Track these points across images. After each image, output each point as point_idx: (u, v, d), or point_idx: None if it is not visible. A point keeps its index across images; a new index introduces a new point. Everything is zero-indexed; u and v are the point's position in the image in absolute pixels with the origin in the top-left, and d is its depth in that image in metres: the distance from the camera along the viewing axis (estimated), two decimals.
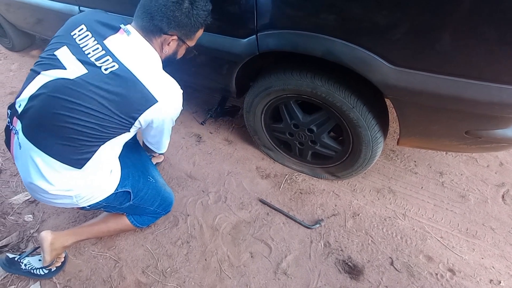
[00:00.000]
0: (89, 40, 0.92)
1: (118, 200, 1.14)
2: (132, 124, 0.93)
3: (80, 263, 1.31)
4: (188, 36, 1.02)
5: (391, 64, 0.96)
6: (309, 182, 1.61)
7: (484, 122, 1.01)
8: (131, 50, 0.93)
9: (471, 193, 1.54)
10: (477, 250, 1.31)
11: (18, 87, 2.54)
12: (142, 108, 0.90)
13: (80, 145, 0.91)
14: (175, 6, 0.91)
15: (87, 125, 0.88)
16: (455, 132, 1.09)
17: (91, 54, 0.90)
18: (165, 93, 0.93)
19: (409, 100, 1.04)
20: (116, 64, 0.88)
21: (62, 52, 0.92)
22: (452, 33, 0.84)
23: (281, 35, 1.10)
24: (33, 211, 1.52)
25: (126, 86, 0.88)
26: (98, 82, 0.87)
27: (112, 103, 0.88)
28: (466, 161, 1.69)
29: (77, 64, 0.89)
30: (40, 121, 0.90)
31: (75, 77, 0.88)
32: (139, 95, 0.89)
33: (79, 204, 1.05)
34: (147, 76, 0.90)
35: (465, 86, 0.90)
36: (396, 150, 1.76)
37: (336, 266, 1.28)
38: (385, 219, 1.43)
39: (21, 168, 0.99)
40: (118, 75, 0.88)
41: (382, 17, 0.90)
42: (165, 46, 1.00)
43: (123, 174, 1.13)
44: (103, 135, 0.92)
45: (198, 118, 2.05)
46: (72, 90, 0.87)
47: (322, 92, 1.20)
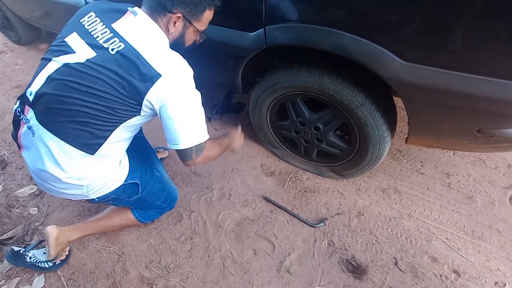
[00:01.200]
0: (98, 24, 0.94)
1: (126, 193, 1.15)
2: (140, 105, 0.91)
3: (84, 257, 1.32)
4: (194, 16, 0.99)
5: (402, 59, 0.94)
6: (313, 181, 1.60)
7: (497, 121, 0.99)
8: (138, 30, 0.93)
9: (478, 194, 1.52)
10: (482, 252, 1.30)
11: (24, 80, 2.56)
12: (147, 85, 0.88)
13: (93, 129, 0.92)
14: None
15: (99, 108, 0.89)
16: (466, 131, 1.07)
17: (100, 37, 0.91)
18: (169, 67, 0.90)
19: (420, 97, 1.02)
20: (123, 44, 0.89)
21: (71, 38, 0.94)
22: (465, 28, 0.83)
23: (290, 29, 1.09)
24: (38, 204, 1.53)
25: (130, 64, 0.88)
26: (106, 64, 0.88)
27: (121, 84, 0.88)
28: (473, 162, 1.67)
29: (86, 47, 0.91)
30: (53, 106, 0.91)
31: (85, 60, 0.89)
32: (143, 72, 0.88)
33: (89, 196, 1.05)
34: (151, 52, 0.89)
35: (479, 83, 0.88)
36: (402, 150, 1.74)
37: (339, 265, 1.27)
38: (390, 219, 1.42)
39: (33, 157, 0.98)
40: (124, 55, 0.88)
41: (393, 12, 0.89)
42: (170, 26, 0.98)
43: (131, 166, 1.14)
44: (115, 118, 0.92)
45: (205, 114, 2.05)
46: (82, 73, 0.88)
47: (330, 90, 1.19)
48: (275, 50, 1.21)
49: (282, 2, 1.07)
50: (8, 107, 2.23)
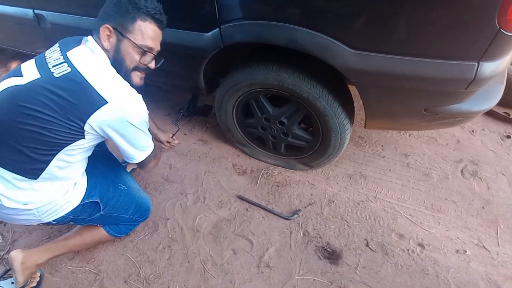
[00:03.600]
0: (56, 53, 0.93)
1: (86, 212, 1.09)
2: (82, 129, 0.87)
3: (58, 281, 1.23)
4: (125, 27, 0.92)
5: (351, 48, 0.98)
6: (284, 175, 1.61)
7: (440, 99, 1.05)
8: (86, 56, 0.92)
9: (434, 171, 1.61)
10: (442, 224, 1.38)
11: None
12: (91, 110, 0.85)
13: (32, 153, 0.87)
14: (111, 3, 0.93)
15: (36, 129, 0.85)
16: (414, 111, 1.13)
17: (51, 62, 0.90)
18: (116, 94, 0.88)
19: (370, 82, 1.06)
20: (70, 68, 0.87)
21: (27, 64, 0.94)
22: (405, 16, 0.87)
23: (244, 26, 1.08)
24: (1, 231, 1.41)
25: (75, 89, 0.85)
26: (48, 85, 0.85)
27: (61, 106, 0.85)
28: (427, 142, 1.77)
29: (33, 71, 0.90)
30: None
31: (27, 82, 0.87)
32: (88, 97, 0.85)
33: (42, 220, 0.99)
34: (97, 79, 0.87)
35: (420, 64, 0.94)
36: (364, 137, 1.80)
37: (316, 253, 1.29)
38: (358, 203, 1.47)
39: None
40: (69, 78, 0.86)
41: (342, 6, 0.92)
42: (105, 42, 0.93)
43: (89, 185, 1.08)
44: (55, 141, 0.87)
45: (171, 119, 1.98)
46: (23, 94, 0.86)
47: (289, 84, 1.20)
48: (235, 49, 1.20)
49: (234, 0, 1.06)
50: None
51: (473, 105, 1.07)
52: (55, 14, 1.55)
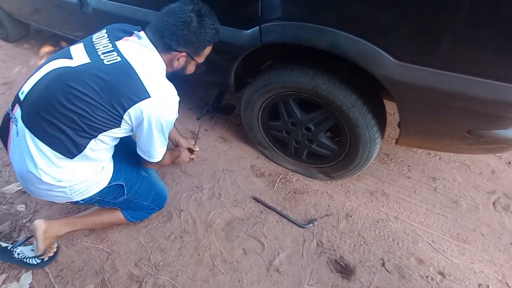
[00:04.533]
0: (104, 39, 1.02)
1: (112, 195, 1.17)
2: (121, 117, 0.95)
3: (73, 254, 1.32)
4: (196, 53, 1.08)
5: (395, 59, 0.97)
6: (303, 182, 1.65)
7: (487, 122, 1.01)
8: (137, 50, 0.99)
9: (463, 199, 1.59)
10: (467, 255, 1.35)
11: (11, 78, 2.55)
12: (133, 100, 0.93)
13: (74, 134, 0.95)
14: (183, 26, 0.99)
15: (79, 112, 0.92)
16: (456, 131, 1.10)
17: (100, 49, 0.98)
18: (160, 91, 0.96)
19: (412, 96, 1.04)
20: (120, 57, 0.95)
21: (76, 47, 1.02)
22: (457, 30, 0.86)
23: (286, 27, 1.11)
24: (25, 201, 1.54)
25: (123, 77, 0.93)
26: (96, 71, 0.93)
27: (106, 91, 0.92)
28: (459, 168, 1.75)
29: (83, 55, 0.97)
30: (38, 107, 0.94)
31: (77, 65, 0.95)
32: (133, 87, 0.93)
33: (72, 198, 1.08)
34: (146, 72, 0.95)
35: (470, 83, 0.91)
36: (390, 154, 1.81)
37: (328, 265, 1.31)
38: (377, 221, 1.48)
39: (17, 157, 1.01)
40: (118, 67, 0.93)
41: (388, 13, 0.93)
42: (174, 62, 1.07)
43: (116, 168, 1.16)
44: (94, 125, 0.95)
45: (194, 114, 2.09)
46: (72, 75, 0.93)
47: (323, 90, 1.22)
48: (268, 50, 1.24)
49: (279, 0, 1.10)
50: None
51: None
52: (99, 0, 1.69)
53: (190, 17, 0.99)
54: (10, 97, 2.26)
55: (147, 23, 1.07)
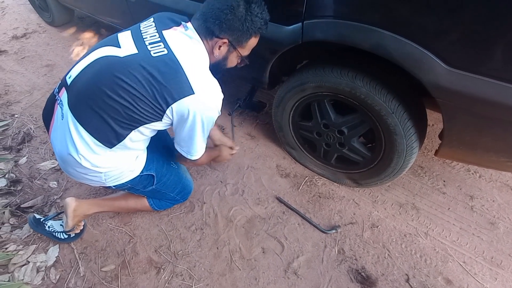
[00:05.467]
0: (151, 28, 1.02)
1: (142, 183, 1.22)
2: (164, 112, 0.97)
3: (97, 234, 1.40)
4: (239, 43, 1.04)
5: (446, 65, 0.92)
6: (329, 187, 1.63)
7: None
8: (184, 43, 1.00)
9: (502, 221, 1.50)
10: (499, 280, 1.28)
11: (53, 60, 2.72)
12: (177, 95, 0.94)
13: (117, 125, 0.98)
14: (229, 10, 0.96)
15: (123, 103, 0.94)
16: (505, 147, 1.04)
17: (148, 39, 0.99)
18: (204, 88, 0.96)
19: (461, 106, 0.99)
20: (166, 50, 0.95)
21: (124, 34, 1.03)
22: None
23: (329, 24, 1.09)
24: (58, 178, 1.63)
25: (168, 71, 0.93)
26: (143, 63, 0.94)
27: (152, 85, 0.93)
28: (500, 188, 1.65)
29: (131, 45, 0.98)
30: (85, 95, 0.98)
31: (125, 55, 0.96)
32: (178, 83, 0.93)
33: (106, 183, 1.13)
34: (191, 68, 0.95)
35: None
36: (424, 167, 1.74)
37: (348, 274, 1.29)
38: (405, 235, 1.43)
39: (59, 139, 1.05)
40: (164, 61, 0.94)
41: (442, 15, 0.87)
42: (215, 50, 1.05)
43: (148, 158, 1.20)
44: (137, 117, 0.97)
45: (225, 110, 2.12)
46: (119, 65, 0.95)
47: (362, 93, 1.19)
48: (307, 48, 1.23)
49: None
50: (37, 84, 2.38)
51: None
52: None
53: (237, 1, 0.96)
54: (52, 79, 2.41)
55: (189, 13, 1.06)
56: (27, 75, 2.51)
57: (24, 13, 3.53)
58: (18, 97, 2.27)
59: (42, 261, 1.28)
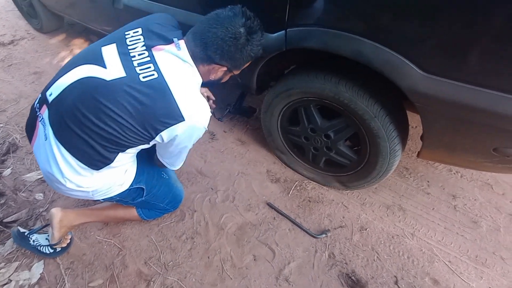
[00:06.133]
0: (139, 43, 0.92)
1: (131, 196, 1.16)
2: (153, 138, 0.91)
3: (85, 247, 1.31)
4: (237, 68, 1.02)
5: (422, 71, 0.93)
6: (318, 191, 1.58)
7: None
8: (175, 65, 0.92)
9: (484, 219, 1.49)
10: (485, 279, 1.27)
11: (42, 68, 2.58)
12: (167, 123, 0.88)
13: (103, 150, 0.91)
14: (231, 41, 0.91)
15: (110, 131, 0.88)
16: (482, 148, 1.04)
17: (136, 58, 0.89)
18: (194, 114, 0.91)
19: (438, 110, 1.00)
20: (156, 73, 0.87)
21: (108, 50, 0.92)
22: (489, 44, 0.81)
23: (311, 32, 1.08)
24: (44, 190, 1.53)
25: (158, 99, 0.86)
26: (131, 89, 0.86)
27: (140, 114, 0.86)
28: (481, 187, 1.64)
29: (118, 66, 0.89)
30: (68, 118, 0.89)
31: (111, 79, 0.87)
32: (168, 110, 0.87)
33: (94, 198, 1.07)
34: (181, 93, 0.88)
35: (500, 100, 0.86)
36: (409, 168, 1.71)
37: (339, 278, 1.24)
38: (392, 237, 1.39)
39: (43, 158, 0.98)
40: (154, 86, 0.87)
41: (417, 24, 0.88)
42: (212, 74, 1.01)
43: (138, 171, 1.13)
44: (123, 143, 0.91)
45: (214, 115, 2.04)
46: (105, 91, 0.87)
47: (345, 98, 1.18)
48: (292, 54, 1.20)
49: (306, 5, 1.06)
50: (24, 92, 2.25)
51: None
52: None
53: (240, 33, 0.91)
54: (39, 87, 2.29)
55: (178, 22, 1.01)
56: (13, 83, 2.37)
57: (12, 20, 3.37)
58: (4, 105, 2.14)
59: (26, 279, 1.19)
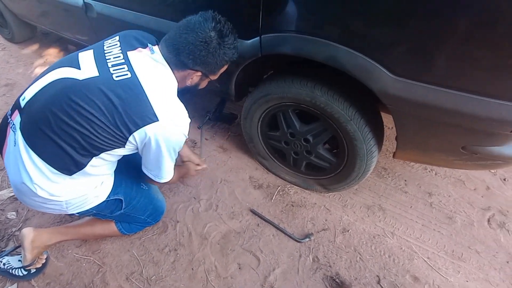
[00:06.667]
0: (115, 48, 0.92)
1: (109, 208, 1.09)
2: (126, 139, 0.87)
3: (62, 266, 1.23)
4: (212, 72, 1.01)
5: (392, 74, 0.95)
6: (301, 195, 1.58)
7: (481, 138, 0.99)
8: (149, 66, 0.90)
9: (458, 215, 1.53)
10: (462, 273, 1.29)
11: (14, 79, 2.46)
12: (140, 123, 0.85)
13: (75, 153, 0.86)
14: (202, 46, 0.89)
15: (84, 131, 0.84)
16: (452, 147, 1.08)
17: (111, 60, 0.89)
18: (169, 114, 0.88)
19: (408, 111, 1.02)
20: (130, 73, 0.86)
21: (85, 54, 0.92)
22: (453, 49, 0.84)
23: (285, 38, 1.08)
24: (17, 208, 1.44)
25: (131, 98, 0.84)
26: (104, 87, 0.84)
27: (113, 113, 0.83)
28: (454, 183, 1.69)
29: (92, 66, 0.88)
30: (38, 119, 0.85)
31: (84, 78, 0.85)
32: (141, 109, 0.84)
33: (67, 211, 1.00)
34: (155, 93, 0.86)
35: (465, 100, 0.89)
36: (387, 168, 1.74)
37: (323, 282, 1.24)
38: (374, 237, 1.40)
39: (12, 166, 0.92)
40: (127, 85, 0.84)
41: (386, 31, 0.90)
42: (188, 80, 0.99)
43: (116, 181, 1.08)
44: (97, 145, 0.87)
45: (196, 123, 2.00)
46: (77, 89, 0.84)
47: (321, 103, 1.18)
48: (270, 60, 1.20)
49: (279, 12, 1.06)
50: None
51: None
52: (103, 5, 1.62)
53: (210, 37, 0.89)
54: (11, 99, 2.17)
55: (148, 29, 0.98)
56: None
57: None
58: None
59: None
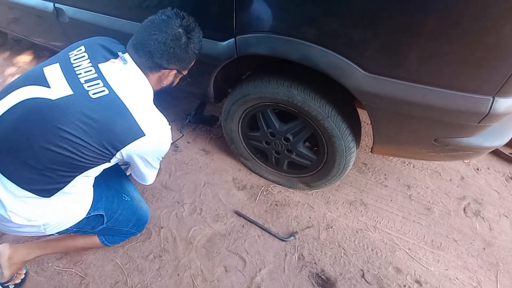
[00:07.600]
0: (84, 61, 0.85)
1: (90, 225, 1.04)
2: (113, 155, 0.84)
3: (42, 281, 1.18)
4: (185, 68, 1.01)
5: (364, 71, 0.96)
6: (284, 194, 1.57)
7: (451, 130, 1.02)
8: (125, 79, 0.86)
9: (436, 206, 1.56)
10: (441, 262, 1.32)
11: None
12: (127, 139, 0.81)
13: (54, 174, 0.81)
14: (174, 43, 0.88)
15: (67, 153, 0.78)
16: (424, 140, 1.10)
17: (82, 75, 0.82)
18: (154, 127, 0.85)
19: (382, 107, 1.04)
20: (107, 89, 0.80)
21: (51, 69, 0.84)
22: (420, 45, 0.86)
23: (260, 39, 1.08)
24: None
25: (113, 114, 0.79)
26: (82, 107, 0.78)
27: (96, 132, 0.78)
28: (431, 175, 1.73)
29: (63, 84, 0.80)
30: (11, 144, 0.78)
31: (57, 98, 0.78)
32: (127, 126, 0.81)
33: (46, 233, 0.94)
34: (137, 107, 0.83)
35: (433, 94, 0.91)
36: (367, 164, 1.76)
37: (309, 279, 1.24)
38: (357, 232, 1.42)
39: None
40: (107, 103, 0.79)
41: (358, 30, 0.91)
42: (164, 80, 0.97)
43: (95, 196, 1.02)
44: (81, 164, 0.82)
45: (176, 126, 1.97)
46: (53, 111, 0.77)
47: (298, 101, 1.18)
48: (247, 61, 1.19)
49: (253, 13, 1.05)
50: None
51: (485, 140, 1.05)
52: (75, 10, 1.56)
53: (179, 33, 0.88)
54: None
55: (123, 33, 0.94)
56: None
57: None
58: None
59: None
